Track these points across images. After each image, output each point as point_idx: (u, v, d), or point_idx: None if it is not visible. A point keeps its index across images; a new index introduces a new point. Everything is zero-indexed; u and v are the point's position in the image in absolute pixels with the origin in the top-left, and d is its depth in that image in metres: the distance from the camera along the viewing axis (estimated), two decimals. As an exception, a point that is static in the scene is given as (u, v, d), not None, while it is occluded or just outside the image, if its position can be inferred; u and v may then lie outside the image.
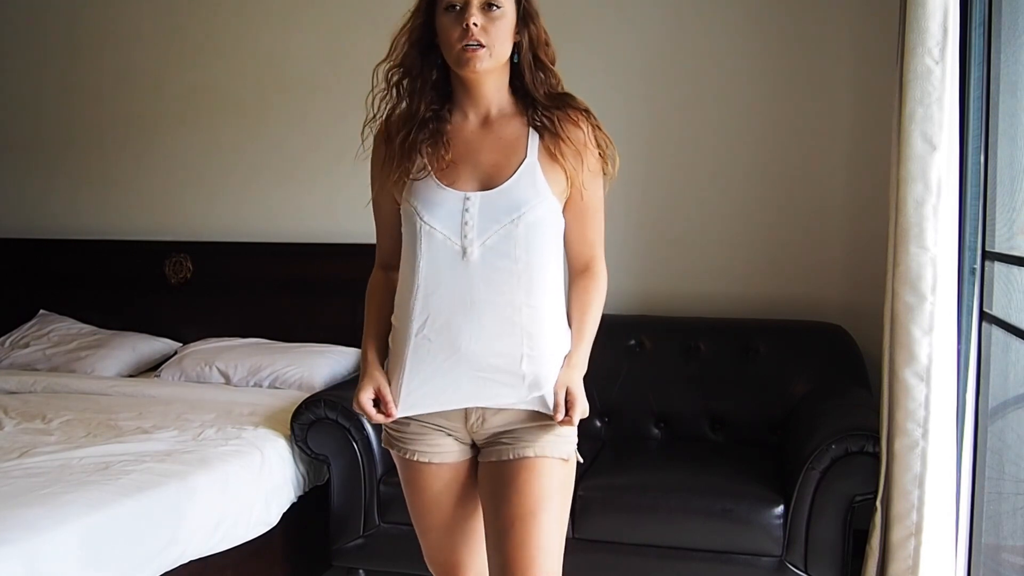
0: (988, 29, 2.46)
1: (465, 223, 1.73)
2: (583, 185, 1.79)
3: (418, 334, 1.76)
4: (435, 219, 1.74)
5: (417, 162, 1.77)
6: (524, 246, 1.73)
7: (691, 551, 2.71)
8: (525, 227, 1.73)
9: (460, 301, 1.73)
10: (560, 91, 1.83)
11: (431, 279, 1.74)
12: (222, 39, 4.05)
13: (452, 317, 1.73)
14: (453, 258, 1.73)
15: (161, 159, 4.18)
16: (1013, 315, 2.36)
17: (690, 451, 3.15)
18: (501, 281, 1.73)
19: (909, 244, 2.36)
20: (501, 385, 1.77)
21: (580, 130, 1.79)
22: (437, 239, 1.73)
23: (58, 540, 2.14)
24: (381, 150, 1.85)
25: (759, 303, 3.48)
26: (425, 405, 1.81)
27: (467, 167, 1.77)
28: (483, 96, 1.80)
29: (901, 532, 2.41)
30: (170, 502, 2.46)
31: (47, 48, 4.34)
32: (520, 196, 1.74)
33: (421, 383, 1.78)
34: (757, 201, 3.49)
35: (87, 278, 4.21)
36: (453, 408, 1.81)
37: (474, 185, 1.76)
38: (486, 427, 1.82)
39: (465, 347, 1.74)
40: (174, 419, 3.09)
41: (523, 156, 1.76)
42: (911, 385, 2.38)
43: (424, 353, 1.76)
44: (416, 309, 1.75)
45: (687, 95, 3.55)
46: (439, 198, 1.74)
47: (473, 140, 1.79)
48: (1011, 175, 2.42)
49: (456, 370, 1.75)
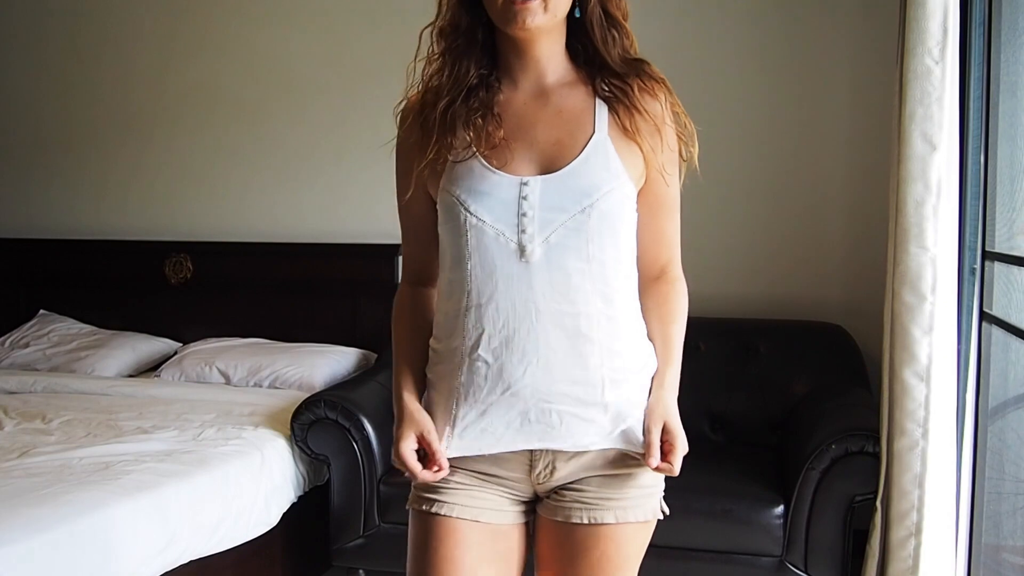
0: (988, 29, 2.46)
1: (523, 214, 1.40)
2: (663, 168, 1.48)
3: (472, 354, 1.42)
4: (484, 210, 1.41)
5: (460, 139, 1.44)
6: (598, 242, 1.41)
7: (691, 551, 2.70)
8: (599, 217, 1.40)
9: (522, 313, 1.40)
10: (634, 55, 1.50)
11: (484, 286, 1.41)
12: (222, 39, 4.05)
13: (513, 334, 1.40)
14: (509, 259, 1.40)
15: (161, 159, 4.18)
16: (1013, 315, 2.36)
17: (690, 451, 3.13)
18: (572, 286, 1.40)
19: (909, 244, 2.36)
20: (579, 420, 1.42)
21: (657, 102, 1.48)
22: (488, 235, 1.40)
23: (58, 540, 2.13)
24: (414, 129, 1.49)
25: (759, 303, 3.47)
26: (483, 445, 1.44)
27: (522, 146, 1.44)
28: (537, 61, 1.46)
29: (901, 532, 2.41)
30: (170, 502, 2.46)
31: (47, 48, 4.33)
32: (592, 179, 1.41)
33: (478, 417, 1.43)
34: (757, 201, 3.49)
35: (87, 278, 4.21)
36: (518, 449, 1.45)
37: (532, 168, 1.43)
38: (556, 477, 1.47)
39: (531, 372, 1.40)
40: (174, 419, 3.09)
41: (591, 131, 1.44)
42: (911, 385, 2.38)
43: (481, 379, 1.42)
44: (468, 324, 1.42)
45: (687, 94, 3.49)
46: (489, 184, 1.42)
47: (527, 114, 1.46)
48: (1011, 175, 2.42)
49: (521, 402, 1.41)
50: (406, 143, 1.51)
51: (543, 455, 1.45)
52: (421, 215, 1.52)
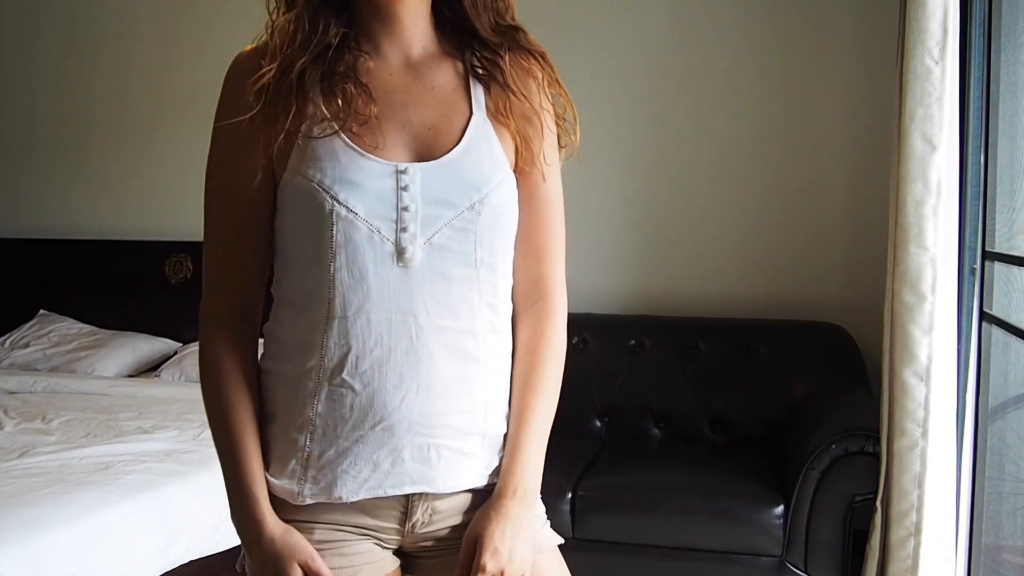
0: (988, 29, 2.46)
1: (404, 208, 1.12)
2: (542, 159, 1.22)
3: (333, 379, 1.13)
4: (356, 200, 1.11)
5: (317, 111, 1.13)
6: (488, 244, 1.16)
7: (691, 551, 2.71)
8: (491, 215, 1.16)
9: (399, 330, 1.13)
10: (510, 22, 1.23)
11: (352, 294, 1.12)
12: (222, 39, 4.04)
13: (388, 355, 1.12)
14: (383, 262, 1.12)
15: (161, 159, 4.17)
16: (1013, 315, 2.36)
17: (690, 451, 3.15)
18: (456, 298, 1.15)
19: (909, 244, 2.36)
20: (458, 456, 1.17)
21: (533, 79, 1.23)
22: (360, 232, 1.12)
23: (58, 540, 2.13)
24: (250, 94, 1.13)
25: (759, 303, 3.47)
26: (344, 491, 1.14)
27: (393, 126, 1.16)
28: (402, 25, 1.19)
29: (901, 532, 2.41)
30: (170, 502, 2.46)
31: (46, 48, 4.33)
32: (479, 169, 1.16)
33: (338, 456, 1.14)
34: (757, 201, 3.49)
35: (87, 278, 4.21)
36: (390, 494, 1.16)
37: (406, 154, 1.16)
38: (433, 526, 1.19)
39: (410, 401, 1.13)
40: (174, 419, 3.09)
41: (468, 112, 1.19)
42: (911, 385, 2.38)
43: (344, 410, 1.13)
44: (329, 341, 1.13)
45: (687, 94, 3.55)
46: (359, 169, 1.12)
47: (397, 88, 1.18)
48: (1011, 175, 2.42)
49: (394, 438, 1.13)
50: (240, 109, 1.13)
51: (421, 502, 1.17)
52: (259, 210, 1.17)
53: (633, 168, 3.59)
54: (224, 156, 1.18)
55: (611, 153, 3.55)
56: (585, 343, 3.38)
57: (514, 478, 1.18)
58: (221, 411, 1.17)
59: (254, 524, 1.16)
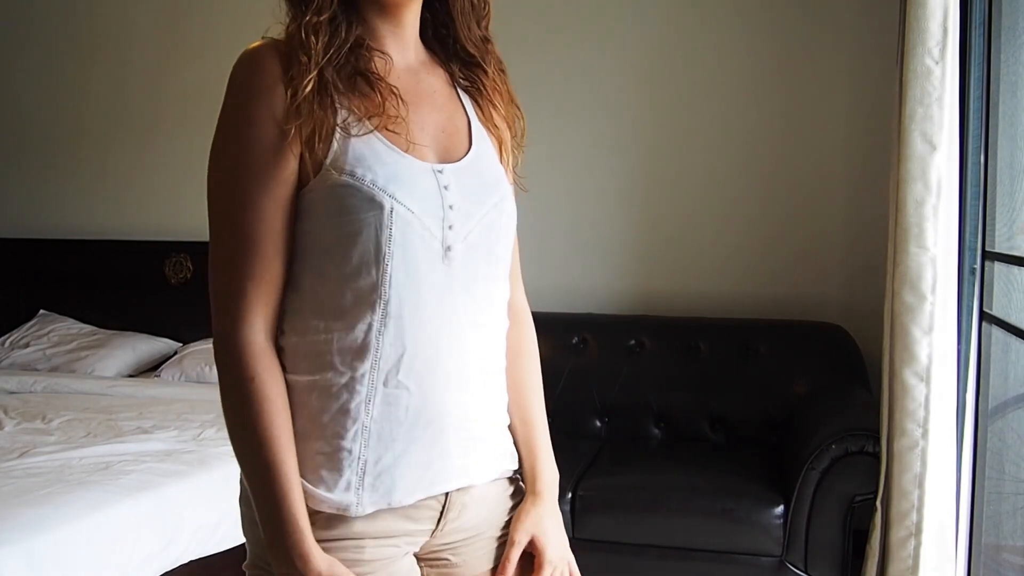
0: (988, 29, 2.47)
1: (450, 207, 1.14)
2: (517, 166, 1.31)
3: (388, 383, 1.12)
4: (413, 199, 1.11)
5: (353, 108, 1.12)
6: (505, 242, 1.21)
7: (691, 551, 2.71)
8: (508, 214, 1.21)
9: (445, 327, 1.14)
10: (485, 32, 1.25)
11: (407, 293, 1.11)
12: (222, 39, 4.05)
13: (436, 353, 1.13)
14: (432, 260, 1.13)
15: (161, 159, 4.17)
16: (1013, 315, 2.36)
17: (690, 451, 3.15)
18: (484, 294, 1.19)
19: (909, 244, 2.36)
20: (487, 446, 1.22)
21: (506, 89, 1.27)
22: (415, 230, 1.11)
23: (58, 540, 2.13)
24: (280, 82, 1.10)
25: (759, 303, 3.48)
26: (400, 495, 1.13)
27: (415, 127, 1.17)
28: (405, 31, 1.20)
29: (901, 532, 2.42)
30: (170, 502, 2.46)
31: (46, 48, 4.33)
32: (494, 171, 1.22)
33: (394, 460, 1.13)
34: (757, 201, 3.50)
35: (87, 278, 4.21)
36: (442, 492, 1.17)
37: (432, 154, 1.17)
38: (459, 521, 1.21)
39: (456, 399, 1.15)
40: (174, 419, 3.09)
41: (466, 117, 1.23)
42: (911, 385, 2.38)
43: (400, 413, 1.12)
44: (384, 343, 1.11)
45: (686, 95, 3.55)
46: (405, 168, 1.12)
47: (408, 90, 1.18)
48: (1011, 175, 2.42)
49: (444, 436, 1.15)
50: (270, 97, 1.09)
51: (458, 496, 1.18)
52: (287, 211, 1.11)
53: (633, 168, 3.59)
54: (253, 158, 1.10)
55: (611, 153, 3.55)
56: (585, 343, 3.38)
57: (544, 475, 1.29)
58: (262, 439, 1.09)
59: (299, 559, 1.09)
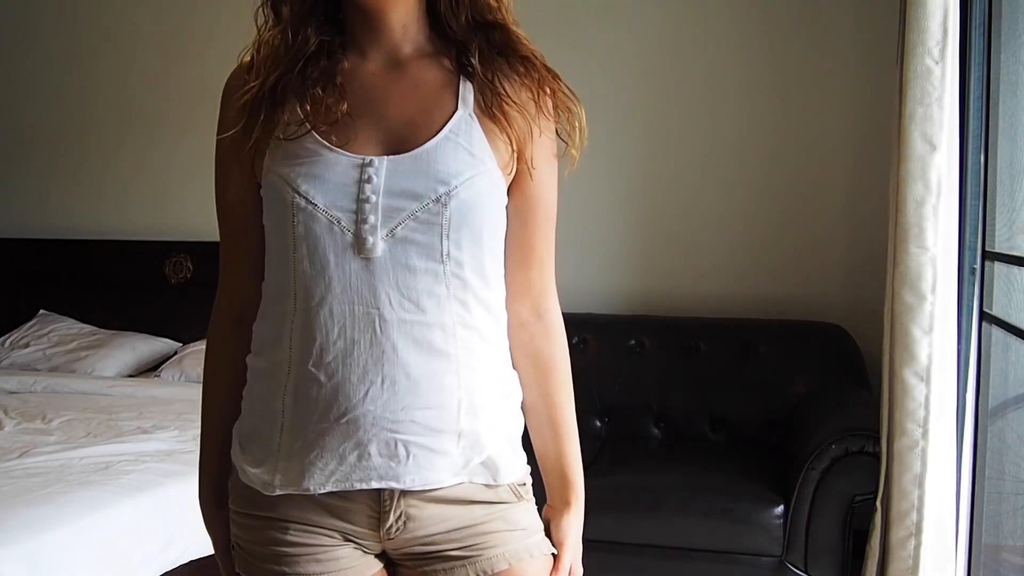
0: (988, 29, 2.47)
1: (364, 200, 1.13)
2: (531, 163, 1.21)
3: (300, 370, 1.15)
4: (316, 191, 1.14)
5: (293, 114, 1.17)
6: (455, 238, 1.15)
7: (691, 551, 2.71)
8: (459, 208, 1.14)
9: (363, 322, 1.13)
10: (490, 18, 1.22)
11: (315, 285, 1.14)
12: (222, 38, 4.04)
13: (352, 347, 1.13)
14: (344, 254, 1.14)
15: (161, 159, 4.17)
16: (1013, 315, 2.36)
17: (690, 451, 3.15)
18: (422, 291, 1.14)
19: (909, 244, 2.36)
20: (428, 453, 1.16)
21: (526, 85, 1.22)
22: (320, 222, 1.14)
23: (58, 540, 2.14)
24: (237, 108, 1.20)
25: (759, 303, 3.48)
26: (311, 482, 1.15)
27: (368, 123, 1.18)
28: (392, 29, 1.21)
29: (901, 532, 2.42)
30: (170, 502, 2.46)
31: (47, 47, 4.34)
32: (451, 163, 1.16)
33: (303, 448, 1.15)
34: (757, 201, 3.50)
35: (87, 278, 4.21)
36: (357, 488, 1.15)
37: (378, 148, 1.17)
38: (410, 532, 1.19)
39: (374, 395, 1.13)
40: (174, 419, 3.09)
41: (452, 108, 1.19)
42: (911, 385, 2.38)
43: (310, 403, 1.15)
44: (295, 333, 1.15)
45: (687, 95, 3.55)
46: (324, 162, 1.15)
47: (376, 86, 1.21)
48: (1011, 175, 2.42)
49: (359, 431, 1.13)
50: (227, 125, 1.22)
51: (394, 503, 1.17)
52: (247, 215, 1.23)
53: (633, 168, 3.59)
54: (218, 169, 1.27)
55: (611, 153, 3.55)
56: (585, 343, 3.38)
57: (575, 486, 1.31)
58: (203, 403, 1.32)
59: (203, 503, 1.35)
